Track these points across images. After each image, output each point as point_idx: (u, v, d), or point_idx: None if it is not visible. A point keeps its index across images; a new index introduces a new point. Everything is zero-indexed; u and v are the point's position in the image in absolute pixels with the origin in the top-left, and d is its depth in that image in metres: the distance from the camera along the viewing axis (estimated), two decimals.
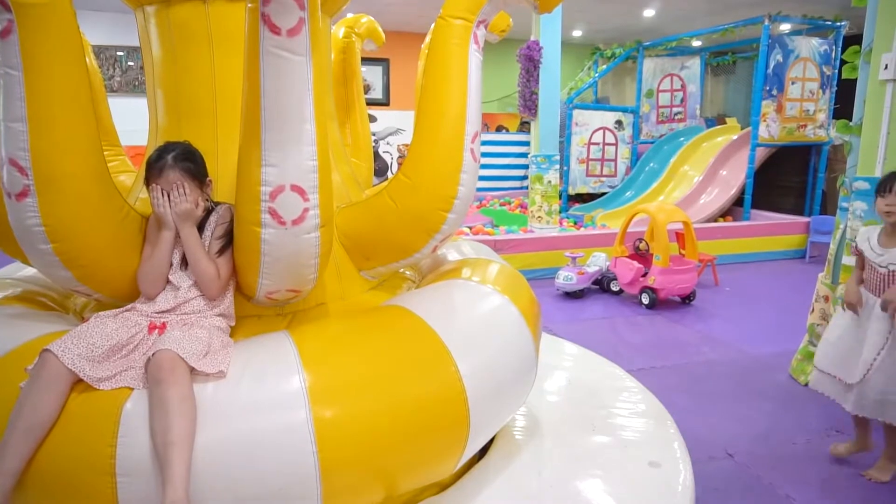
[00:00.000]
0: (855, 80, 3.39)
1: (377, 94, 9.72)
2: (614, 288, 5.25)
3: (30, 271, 2.18)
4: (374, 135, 7.77)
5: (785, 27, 7.48)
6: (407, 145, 9.62)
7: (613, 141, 8.35)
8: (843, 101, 7.07)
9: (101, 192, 1.61)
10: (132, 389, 1.46)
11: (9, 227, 1.57)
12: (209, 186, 1.80)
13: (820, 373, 2.55)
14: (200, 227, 1.76)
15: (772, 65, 6.73)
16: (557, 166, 6.50)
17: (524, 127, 9.86)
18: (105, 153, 1.67)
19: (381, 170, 8.72)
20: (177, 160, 1.70)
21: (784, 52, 6.74)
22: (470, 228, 6.41)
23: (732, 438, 2.71)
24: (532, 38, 6.31)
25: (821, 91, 7.01)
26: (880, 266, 2.37)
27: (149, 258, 1.71)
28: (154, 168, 1.70)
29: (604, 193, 8.41)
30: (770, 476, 2.42)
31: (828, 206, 7.46)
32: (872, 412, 2.37)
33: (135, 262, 1.73)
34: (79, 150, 1.53)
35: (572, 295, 5.17)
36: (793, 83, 6.83)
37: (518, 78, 6.51)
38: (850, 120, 3.36)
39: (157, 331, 1.60)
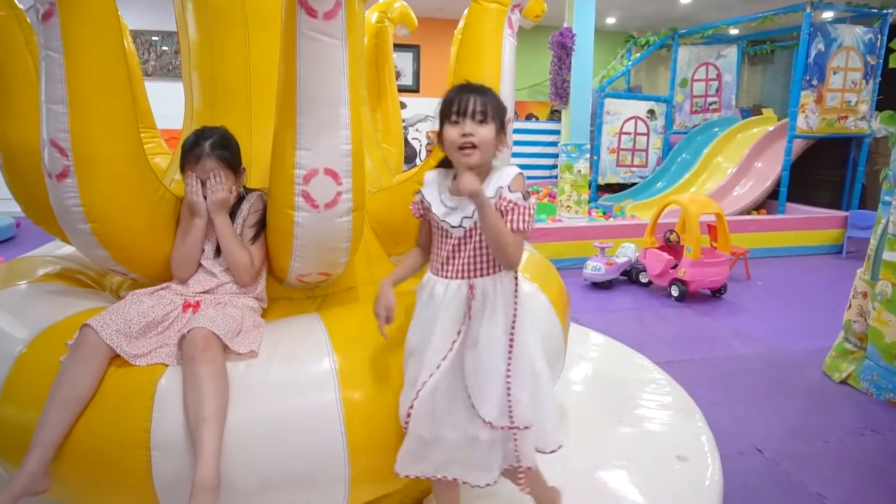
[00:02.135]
0: None
1: (407, 80, 9.71)
2: (643, 279, 5.18)
3: (68, 249, 2.24)
4: (403, 121, 7.76)
5: (828, 15, 7.23)
6: (436, 132, 9.58)
7: (645, 131, 8.20)
8: (888, 92, 6.84)
9: (138, 173, 1.64)
10: (167, 366, 1.49)
11: (50, 206, 1.61)
12: (243, 174, 1.82)
13: None
14: (232, 215, 1.78)
15: (813, 54, 6.52)
16: (588, 155, 6.42)
17: (554, 115, 9.74)
18: (141, 135, 1.70)
19: (409, 156, 8.71)
20: (213, 148, 1.72)
21: (826, 41, 6.52)
22: None
23: (762, 434, 2.67)
24: (565, 25, 6.22)
25: (864, 81, 6.78)
26: (452, 227, 1.46)
27: (180, 244, 1.74)
28: (191, 155, 1.72)
29: (634, 184, 8.28)
30: (800, 473, 2.37)
31: (867, 200, 7.24)
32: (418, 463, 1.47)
33: (169, 243, 1.77)
34: (117, 132, 1.56)
35: (600, 285, 5.12)
36: (834, 73, 6.62)
37: (549, 65, 6.43)
38: (895, 111, 3.24)
39: (191, 309, 1.63)
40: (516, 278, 1.48)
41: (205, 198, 1.72)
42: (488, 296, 1.45)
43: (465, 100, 1.42)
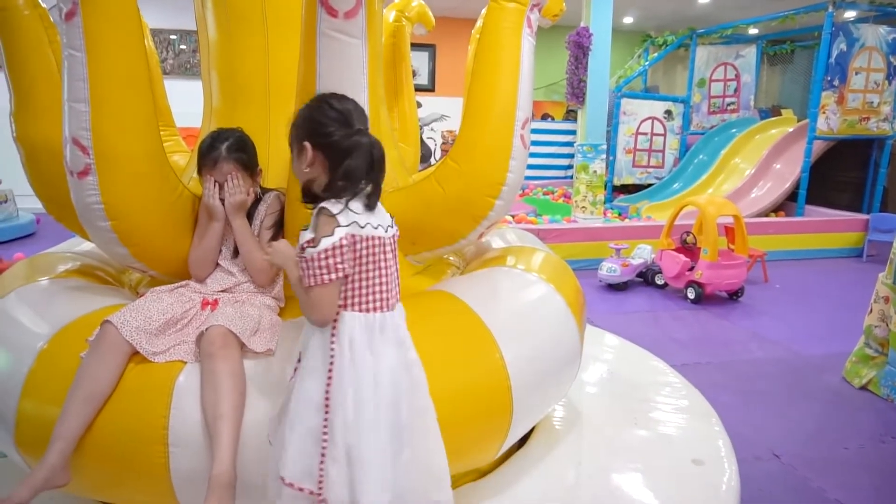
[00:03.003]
0: None
1: (423, 80, 9.71)
2: (659, 281, 5.14)
3: (88, 246, 2.26)
4: (419, 121, 7.75)
5: (850, 14, 7.13)
6: (451, 132, 9.58)
7: (662, 131, 8.15)
8: None
9: (157, 171, 1.65)
10: (185, 363, 1.50)
11: (71, 203, 1.63)
12: (259, 175, 1.83)
13: None
14: (249, 215, 1.79)
15: (834, 54, 6.44)
16: (604, 156, 6.38)
17: (570, 115, 9.70)
18: (160, 133, 1.72)
19: (424, 156, 8.71)
20: (230, 150, 1.73)
21: (848, 41, 6.43)
22: (513, 217, 6.36)
23: (779, 439, 2.63)
24: (582, 25, 6.18)
25: (886, 82, 6.68)
26: None
27: (197, 246, 1.75)
28: (208, 158, 1.73)
29: (650, 185, 8.23)
30: (819, 480, 2.34)
31: (888, 203, 7.12)
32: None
33: (187, 241, 1.78)
34: (137, 130, 1.58)
35: (615, 287, 5.09)
36: (856, 73, 6.52)
37: (566, 65, 6.40)
38: None
39: (209, 307, 1.64)
40: (333, 336, 1.24)
41: (222, 200, 1.73)
42: (299, 343, 1.33)
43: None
